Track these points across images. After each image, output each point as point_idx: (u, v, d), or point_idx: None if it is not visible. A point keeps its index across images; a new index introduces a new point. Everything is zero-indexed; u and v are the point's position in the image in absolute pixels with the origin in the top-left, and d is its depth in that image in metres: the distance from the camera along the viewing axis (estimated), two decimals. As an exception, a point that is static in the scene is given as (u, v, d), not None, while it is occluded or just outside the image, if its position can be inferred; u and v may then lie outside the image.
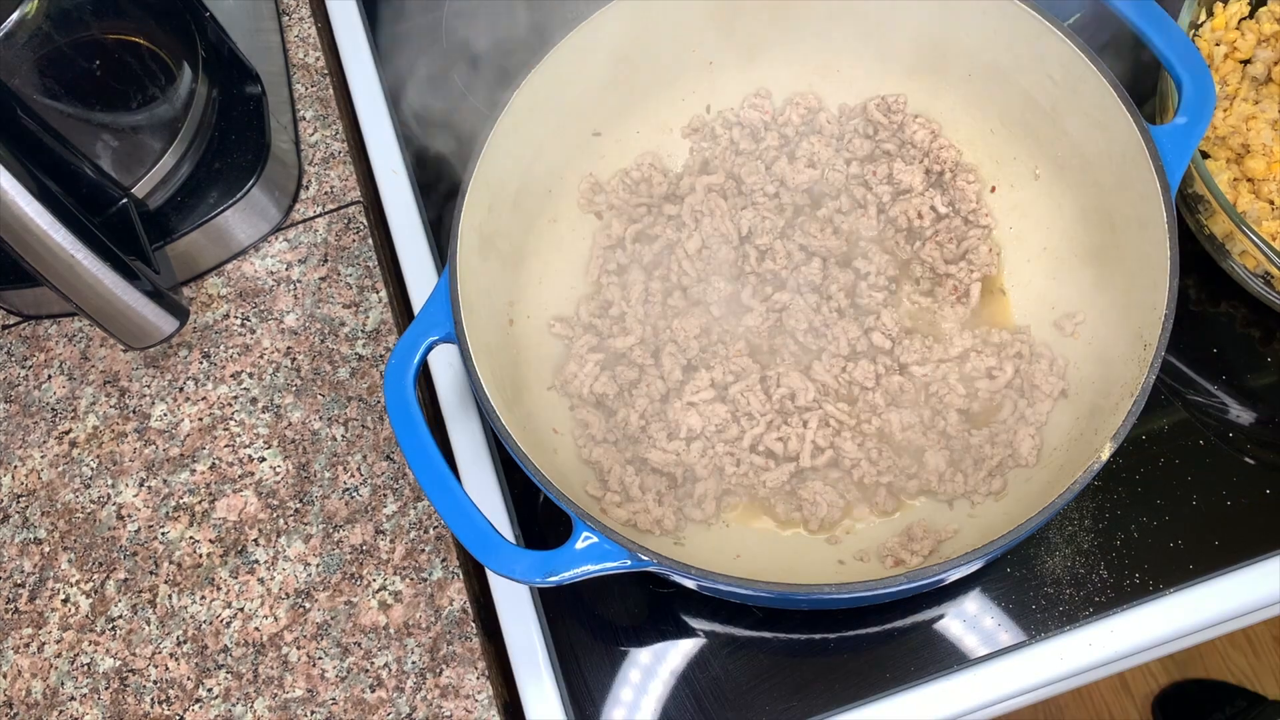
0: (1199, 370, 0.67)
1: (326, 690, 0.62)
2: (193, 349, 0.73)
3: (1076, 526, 0.63)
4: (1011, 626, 0.61)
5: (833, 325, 0.66)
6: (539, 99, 0.64)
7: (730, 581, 0.50)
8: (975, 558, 0.50)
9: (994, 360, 0.64)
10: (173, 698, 0.63)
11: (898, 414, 0.64)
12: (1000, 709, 0.61)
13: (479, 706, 0.61)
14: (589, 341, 0.67)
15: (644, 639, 0.63)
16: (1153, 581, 0.61)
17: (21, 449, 0.71)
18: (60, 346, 0.74)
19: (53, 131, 0.64)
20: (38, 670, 0.64)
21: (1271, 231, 0.66)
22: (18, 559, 0.67)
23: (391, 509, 0.67)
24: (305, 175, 0.78)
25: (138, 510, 0.68)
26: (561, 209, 0.70)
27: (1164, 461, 0.64)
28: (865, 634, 0.61)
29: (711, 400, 0.65)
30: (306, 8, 0.86)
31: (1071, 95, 0.62)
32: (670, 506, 0.62)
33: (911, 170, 0.70)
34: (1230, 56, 0.72)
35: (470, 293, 0.59)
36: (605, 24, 0.65)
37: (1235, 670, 1.38)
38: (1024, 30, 0.62)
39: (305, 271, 0.75)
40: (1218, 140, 0.70)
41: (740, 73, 0.72)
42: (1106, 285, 0.62)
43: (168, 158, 0.71)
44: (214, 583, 0.66)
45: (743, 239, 0.70)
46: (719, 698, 0.61)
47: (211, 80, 0.74)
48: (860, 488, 0.63)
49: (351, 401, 0.70)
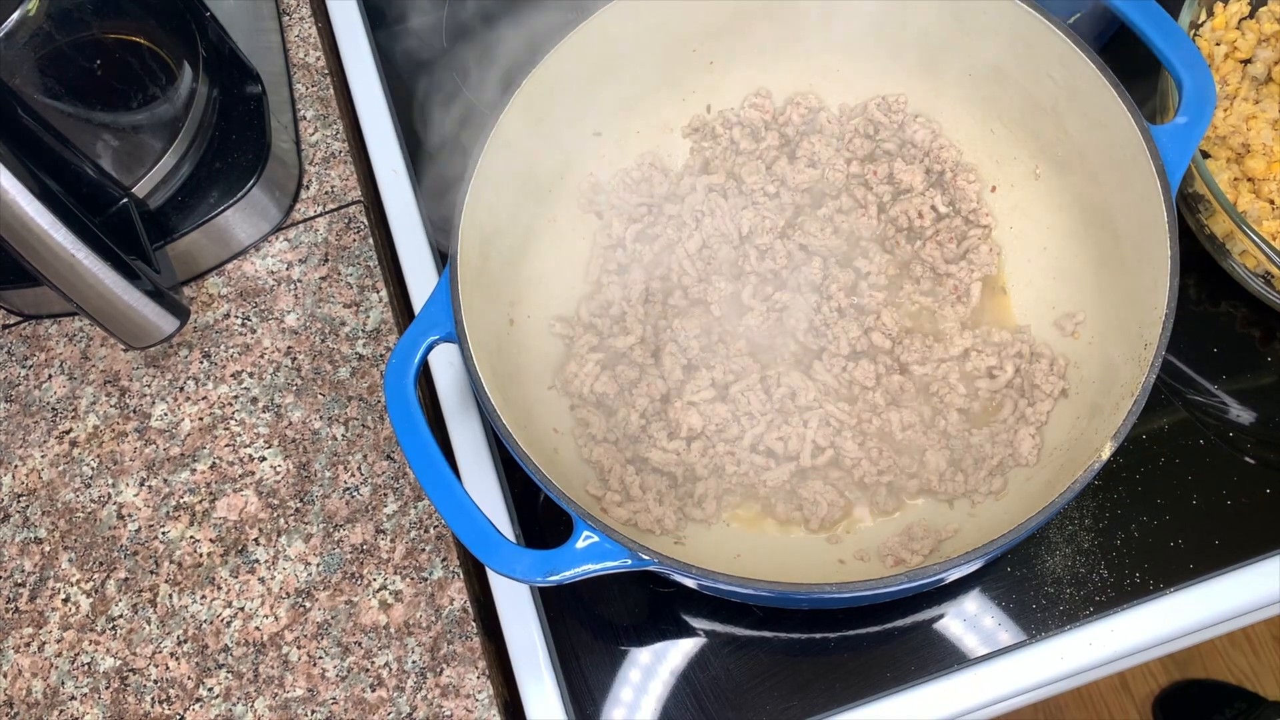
0: (1199, 370, 0.67)
1: (327, 690, 0.62)
2: (193, 348, 0.73)
3: (1077, 526, 0.63)
4: (1012, 626, 0.61)
5: (833, 325, 0.66)
6: (539, 98, 0.64)
7: (731, 581, 0.50)
8: (975, 557, 0.50)
9: (994, 360, 0.64)
10: (173, 697, 0.63)
11: (898, 413, 0.64)
12: (1000, 709, 0.61)
13: (479, 706, 0.61)
14: (589, 341, 0.67)
15: (644, 638, 0.63)
16: (1153, 581, 0.61)
17: (22, 448, 0.71)
18: (61, 346, 0.74)
19: (53, 131, 0.64)
20: (38, 670, 0.64)
21: (1272, 231, 0.66)
22: (18, 558, 0.67)
23: (392, 508, 0.67)
24: (306, 175, 0.78)
25: (138, 510, 0.68)
26: (562, 208, 0.70)
27: (1164, 461, 0.64)
28: (865, 633, 0.61)
29: (712, 400, 0.65)
30: (307, 7, 0.86)
31: (1072, 95, 0.62)
32: (671, 506, 0.62)
33: (912, 170, 0.70)
34: (1230, 56, 0.72)
35: (471, 292, 0.59)
36: (605, 24, 0.65)
37: (1235, 670, 1.38)
38: (1024, 30, 0.62)
39: (306, 271, 0.75)
40: (1218, 140, 0.70)
41: (740, 72, 0.72)
42: (1107, 285, 0.62)
43: (168, 157, 0.71)
44: (214, 582, 0.66)
45: (743, 239, 0.70)
46: (719, 697, 0.61)
47: (212, 80, 0.74)
48: (861, 487, 0.63)
49: (352, 401, 0.70)
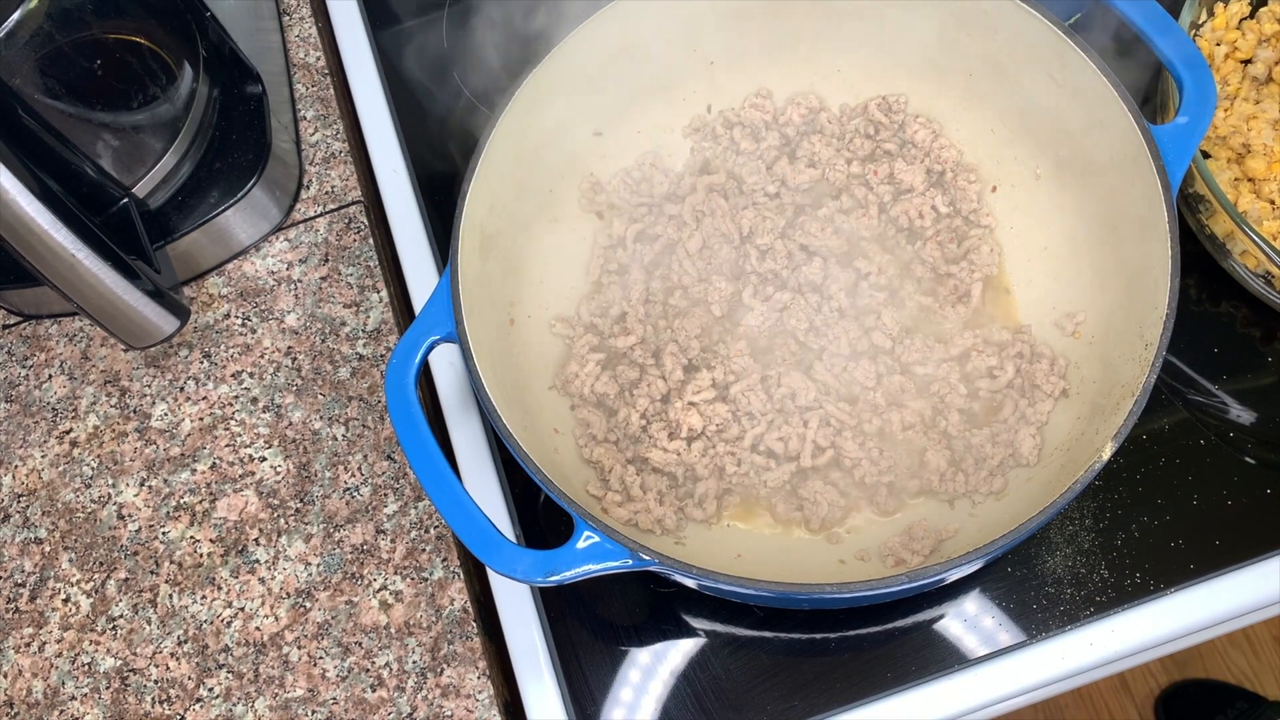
0: (1199, 370, 0.67)
1: (327, 690, 0.62)
2: (193, 348, 0.73)
3: (1077, 526, 0.63)
4: (1012, 626, 0.61)
5: (833, 325, 0.66)
6: (540, 99, 0.64)
7: (731, 581, 0.50)
8: (976, 557, 0.50)
9: (995, 360, 0.64)
10: (173, 697, 0.63)
11: (899, 413, 0.64)
12: (1001, 709, 0.61)
13: (480, 706, 0.61)
14: (590, 341, 0.67)
15: (645, 638, 0.63)
16: (1153, 581, 0.61)
17: (22, 448, 0.71)
18: (61, 346, 0.74)
19: (54, 131, 0.64)
20: (38, 670, 0.64)
21: (1272, 231, 0.66)
22: (18, 559, 0.67)
23: (392, 508, 0.67)
24: (306, 175, 0.78)
25: (138, 510, 0.68)
26: (563, 208, 0.70)
27: (1165, 461, 0.64)
28: (866, 634, 0.61)
29: (712, 400, 0.65)
30: (307, 7, 0.86)
31: (1072, 95, 0.62)
32: (671, 506, 0.62)
33: (912, 170, 0.70)
34: (1231, 56, 0.72)
35: (471, 292, 0.59)
36: (606, 24, 0.65)
37: (1235, 670, 1.38)
38: (1024, 30, 0.62)
39: (306, 271, 0.75)
40: (1218, 140, 0.70)
41: (741, 73, 0.72)
42: (1107, 285, 0.62)
43: (169, 157, 0.71)
44: (215, 582, 0.66)
45: (743, 239, 0.70)
46: (720, 697, 0.61)
47: (212, 80, 0.74)
48: (861, 487, 0.63)
49: (352, 401, 0.70)
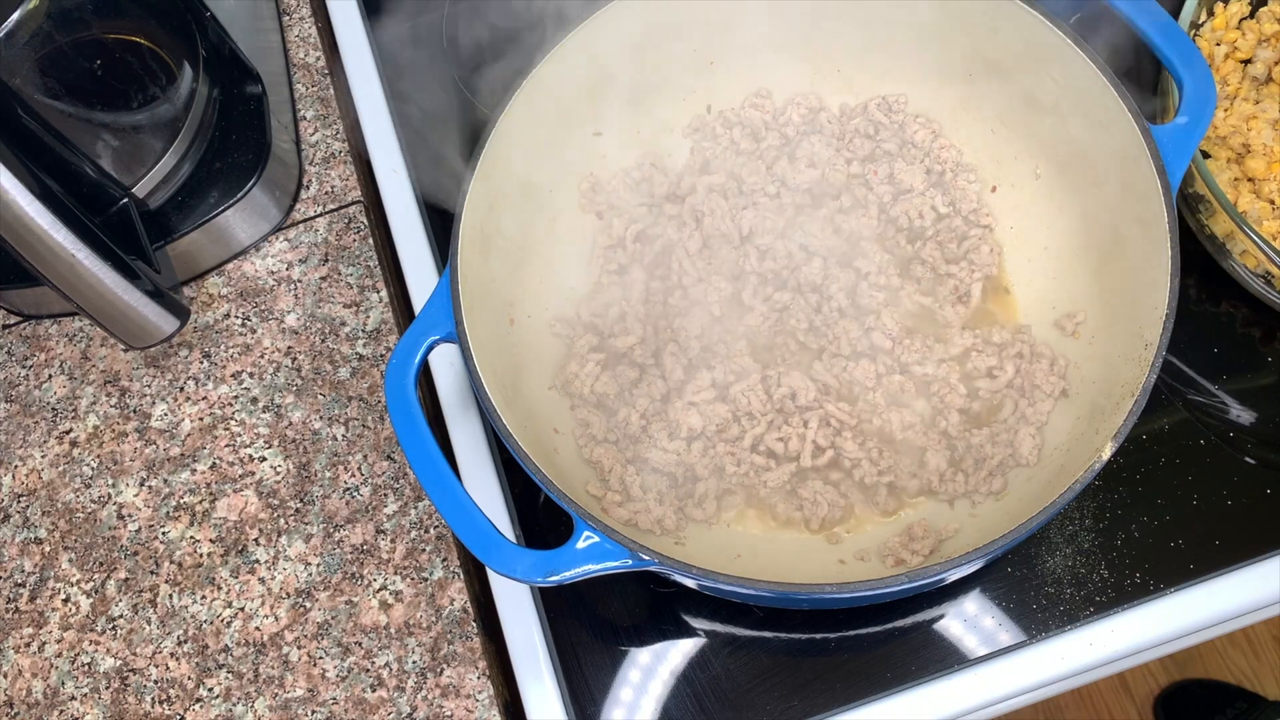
0: (1199, 370, 0.67)
1: (327, 690, 0.62)
2: (193, 349, 0.73)
3: (1077, 526, 0.63)
4: (1012, 626, 0.61)
5: (833, 325, 0.66)
6: (540, 99, 0.64)
7: (731, 581, 0.50)
8: (976, 557, 0.50)
9: (995, 360, 0.64)
10: (173, 697, 0.63)
11: (898, 413, 0.64)
12: (1000, 709, 0.61)
13: (480, 706, 0.61)
14: (590, 341, 0.67)
15: (645, 638, 0.63)
16: (1153, 581, 0.61)
17: (22, 448, 0.71)
18: (61, 346, 0.74)
19: (54, 131, 0.64)
20: (38, 670, 0.64)
21: (1272, 231, 0.66)
22: (18, 559, 0.67)
23: (392, 508, 0.67)
24: (306, 175, 0.78)
25: (138, 510, 0.68)
26: (562, 208, 0.70)
27: (1164, 461, 0.64)
28: (866, 634, 0.61)
29: (712, 400, 0.65)
30: (307, 7, 0.86)
31: (1072, 95, 0.62)
32: (671, 506, 0.62)
33: (912, 170, 0.70)
34: (1231, 56, 0.72)
35: (471, 292, 0.59)
36: (605, 24, 0.65)
37: (1235, 670, 1.38)
38: (1024, 30, 0.62)
39: (306, 271, 0.75)
40: (1218, 140, 0.70)
41: (741, 73, 0.72)
42: (1107, 285, 0.62)
43: (168, 157, 0.71)
44: (214, 582, 0.66)
45: (744, 238, 0.70)
46: (720, 697, 0.61)
47: (212, 80, 0.74)
48: (861, 487, 0.63)
49: (352, 401, 0.70)
